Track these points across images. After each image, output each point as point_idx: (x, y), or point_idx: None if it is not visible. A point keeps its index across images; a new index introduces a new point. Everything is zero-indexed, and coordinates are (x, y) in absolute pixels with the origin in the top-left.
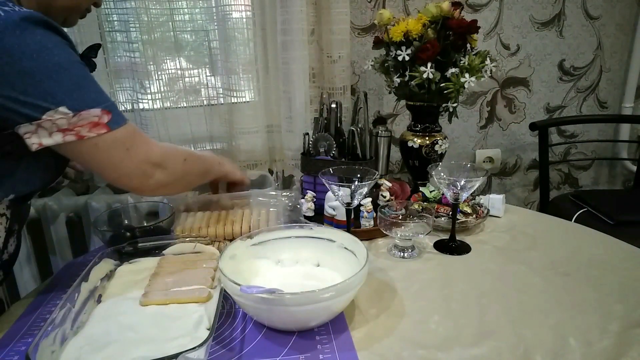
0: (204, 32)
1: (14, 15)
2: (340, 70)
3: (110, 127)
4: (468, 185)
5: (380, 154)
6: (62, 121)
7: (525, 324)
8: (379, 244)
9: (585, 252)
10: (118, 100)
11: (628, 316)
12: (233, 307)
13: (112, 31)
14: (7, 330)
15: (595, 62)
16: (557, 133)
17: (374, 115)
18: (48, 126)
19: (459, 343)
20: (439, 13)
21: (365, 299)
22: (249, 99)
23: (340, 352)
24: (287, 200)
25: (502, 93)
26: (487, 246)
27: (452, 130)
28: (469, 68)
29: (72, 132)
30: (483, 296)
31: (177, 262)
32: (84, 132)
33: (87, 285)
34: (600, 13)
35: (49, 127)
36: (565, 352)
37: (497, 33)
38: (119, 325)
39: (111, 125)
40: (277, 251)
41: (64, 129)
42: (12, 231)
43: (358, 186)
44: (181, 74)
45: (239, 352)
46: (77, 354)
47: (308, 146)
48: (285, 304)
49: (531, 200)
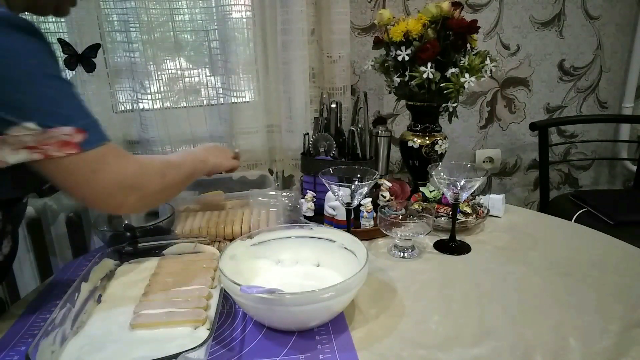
0: (204, 32)
1: None
2: (340, 70)
3: (82, 147)
4: (468, 185)
5: (380, 154)
6: (28, 138)
7: (525, 324)
8: (379, 244)
9: (585, 252)
10: (118, 100)
11: (628, 316)
12: (233, 307)
13: (112, 31)
14: (7, 330)
15: (595, 62)
16: (557, 133)
17: (374, 115)
18: (13, 142)
19: (459, 343)
20: (439, 13)
21: (365, 299)
22: (249, 99)
23: (340, 352)
24: (287, 200)
25: (502, 93)
26: (487, 246)
27: (452, 130)
28: (469, 68)
29: (38, 150)
30: (483, 296)
31: (177, 262)
32: (51, 152)
33: (87, 285)
34: (600, 13)
35: (14, 142)
36: (565, 352)
37: (497, 33)
38: (119, 325)
39: (84, 145)
40: (277, 251)
41: (30, 146)
42: (6, 232)
43: (358, 186)
44: (181, 74)
45: (239, 352)
46: (77, 354)
47: (308, 146)
48: (285, 304)
49: (531, 200)
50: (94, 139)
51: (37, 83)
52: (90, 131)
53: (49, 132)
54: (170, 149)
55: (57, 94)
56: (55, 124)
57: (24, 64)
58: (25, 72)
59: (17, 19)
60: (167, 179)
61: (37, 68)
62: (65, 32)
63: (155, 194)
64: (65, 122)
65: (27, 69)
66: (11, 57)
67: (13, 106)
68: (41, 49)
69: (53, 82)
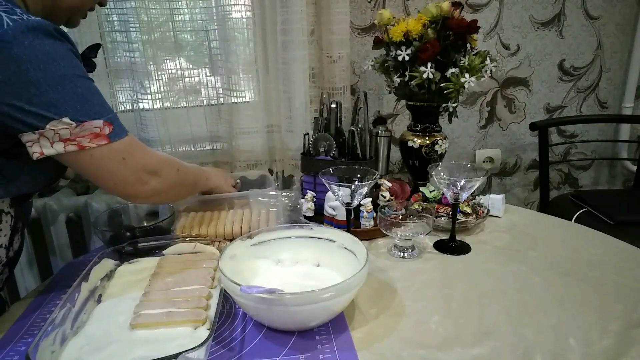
0: (204, 32)
1: (22, 24)
2: (340, 70)
3: (110, 138)
4: (468, 185)
5: (380, 154)
6: (64, 131)
7: (525, 324)
8: (379, 244)
9: (585, 252)
10: (118, 100)
11: (628, 316)
12: (233, 307)
13: (112, 31)
14: (7, 330)
15: (595, 62)
16: (557, 133)
17: (374, 115)
18: (50, 136)
19: (459, 343)
20: (439, 13)
21: (365, 299)
22: (249, 99)
23: (340, 352)
24: (287, 200)
25: (502, 93)
26: (487, 246)
27: (452, 130)
28: (469, 68)
29: (73, 142)
30: (483, 296)
31: (177, 262)
32: (85, 143)
33: (87, 285)
34: (600, 13)
35: (52, 136)
36: (565, 352)
37: (497, 33)
38: (119, 325)
39: (112, 137)
40: (277, 251)
41: (65, 138)
42: (17, 229)
43: (358, 186)
44: (181, 74)
45: (239, 352)
46: (77, 354)
47: (308, 146)
48: (285, 304)
49: (531, 200)
50: (119, 131)
51: (69, 83)
52: (115, 124)
53: (82, 125)
54: (170, 149)
55: (86, 92)
56: (87, 118)
57: (58, 67)
58: (59, 74)
59: (45, 25)
60: (180, 175)
61: (68, 69)
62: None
63: (171, 184)
64: (95, 116)
65: (61, 71)
66: (47, 61)
67: (50, 104)
68: (69, 52)
69: (82, 82)
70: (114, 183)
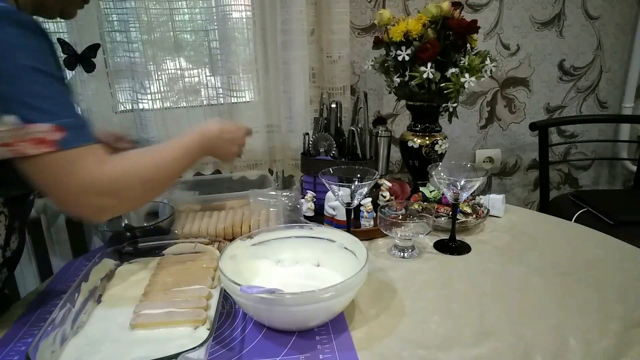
0: (204, 32)
1: None
2: (340, 70)
3: (59, 146)
4: (468, 185)
5: (380, 154)
6: (4, 134)
7: (525, 324)
8: (379, 244)
9: (585, 252)
10: (118, 100)
11: (628, 316)
12: (233, 307)
13: (112, 31)
14: (7, 330)
15: (595, 62)
16: (557, 133)
17: (374, 115)
18: None
19: (459, 343)
20: (439, 13)
21: (365, 299)
22: (249, 99)
23: (340, 352)
24: (287, 200)
25: (502, 93)
26: (487, 246)
27: (452, 130)
28: (469, 68)
29: (12, 148)
30: (483, 296)
31: (177, 262)
32: (26, 149)
33: (87, 285)
34: (600, 13)
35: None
36: (565, 352)
37: (497, 33)
38: (119, 326)
39: (62, 144)
40: (277, 251)
41: (6, 142)
42: (13, 228)
43: (358, 186)
44: (181, 74)
45: (239, 352)
46: (77, 354)
47: (308, 146)
48: (285, 304)
49: (531, 200)
50: (74, 139)
51: (25, 77)
52: (71, 130)
53: (25, 128)
54: None
55: (44, 89)
56: (36, 119)
57: (13, 57)
58: (13, 65)
59: (18, 15)
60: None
61: (28, 61)
62: (65, 32)
63: (133, 199)
64: (48, 118)
65: (16, 63)
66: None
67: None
68: (40, 47)
69: (43, 78)
70: (55, 198)
